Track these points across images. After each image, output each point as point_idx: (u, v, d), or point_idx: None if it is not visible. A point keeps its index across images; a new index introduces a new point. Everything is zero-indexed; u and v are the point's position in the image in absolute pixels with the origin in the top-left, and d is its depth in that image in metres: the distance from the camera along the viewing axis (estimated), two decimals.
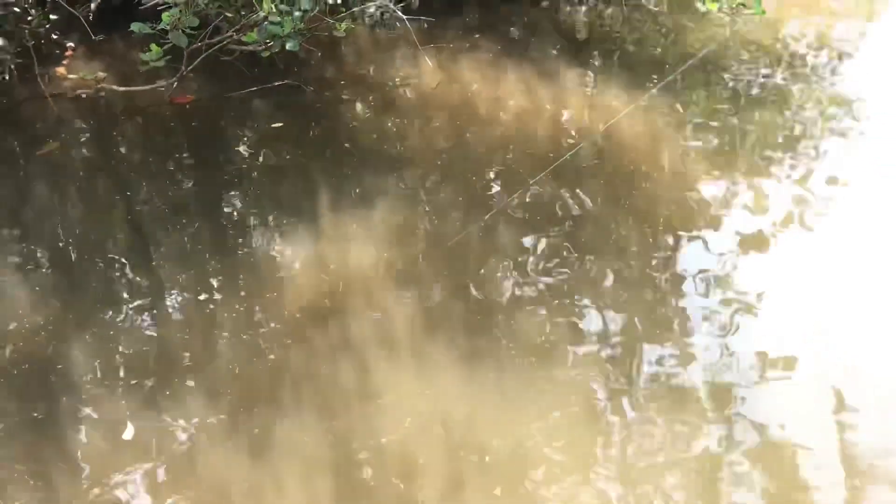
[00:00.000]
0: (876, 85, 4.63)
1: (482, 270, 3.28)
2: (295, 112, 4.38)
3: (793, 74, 4.76)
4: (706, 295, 3.16)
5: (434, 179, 3.86)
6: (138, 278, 3.26)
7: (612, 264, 3.29)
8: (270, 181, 3.86)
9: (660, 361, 2.88)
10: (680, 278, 3.23)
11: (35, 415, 2.68)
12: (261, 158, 4.01)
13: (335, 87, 4.61)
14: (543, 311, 3.07)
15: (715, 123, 4.27)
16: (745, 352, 2.89)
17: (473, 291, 3.17)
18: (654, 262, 3.32)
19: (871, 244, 3.40)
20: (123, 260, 3.35)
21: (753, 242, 3.41)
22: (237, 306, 3.09)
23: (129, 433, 2.62)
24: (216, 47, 4.40)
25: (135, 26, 4.12)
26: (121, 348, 2.94)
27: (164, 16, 4.01)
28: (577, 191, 3.72)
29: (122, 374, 2.84)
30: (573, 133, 4.15)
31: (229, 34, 4.34)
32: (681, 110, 4.36)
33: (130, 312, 3.09)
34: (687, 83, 4.66)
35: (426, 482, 2.47)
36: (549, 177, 3.73)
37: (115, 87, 4.47)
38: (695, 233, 3.48)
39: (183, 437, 2.62)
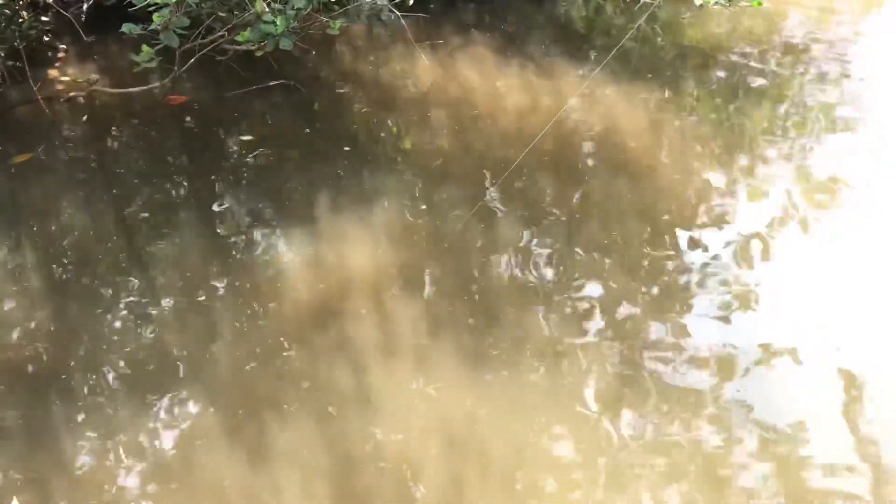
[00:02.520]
0: (873, 77, 4.60)
1: (481, 265, 3.25)
2: (290, 111, 4.35)
3: (789, 65, 4.74)
4: (710, 290, 3.13)
5: (432, 176, 3.83)
6: (133, 280, 3.23)
7: (615, 257, 3.28)
8: (266, 181, 3.83)
9: (662, 356, 2.86)
10: (685, 274, 3.21)
11: (22, 421, 2.65)
12: (256, 158, 3.98)
13: (330, 86, 4.57)
14: (542, 305, 3.05)
15: (713, 115, 4.25)
16: (746, 345, 2.88)
17: (472, 286, 3.15)
18: (656, 255, 3.30)
19: (868, 236, 3.37)
20: (119, 262, 3.32)
21: (751, 234, 3.40)
22: (235, 307, 3.06)
23: (124, 436, 2.59)
24: (209, 47, 4.36)
25: (126, 27, 4.07)
26: (116, 352, 2.90)
27: (155, 17, 3.97)
28: (572, 186, 3.70)
29: (116, 378, 2.81)
30: (568, 126, 4.13)
31: (222, 34, 4.30)
32: (681, 102, 4.34)
33: (126, 315, 3.06)
34: (685, 76, 4.64)
35: (428, 481, 2.45)
36: (549, 172, 3.71)
37: (107, 88, 4.44)
38: (698, 228, 3.45)
39: (179, 440, 2.59)
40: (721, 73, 4.70)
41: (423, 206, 3.60)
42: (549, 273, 3.23)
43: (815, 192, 3.68)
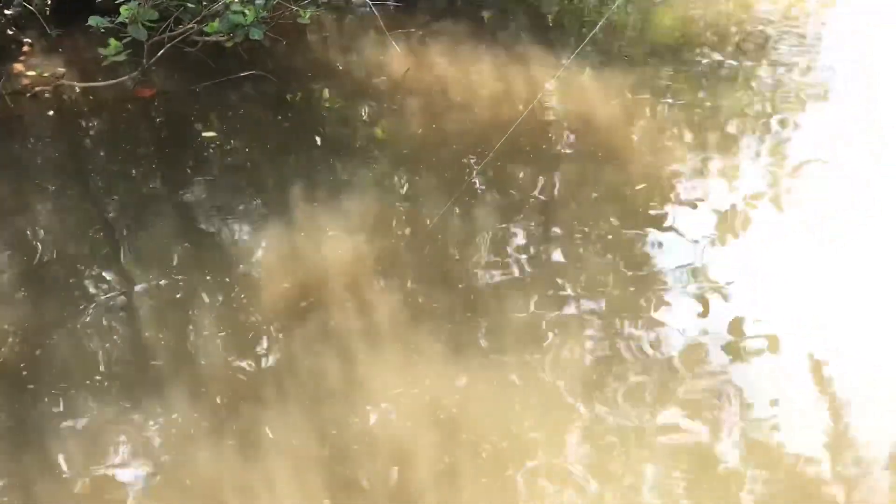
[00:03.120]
0: (846, 60, 4.61)
1: (460, 253, 3.23)
2: (262, 102, 4.30)
3: (761, 49, 4.74)
4: (688, 280, 3.13)
5: (406, 165, 3.80)
6: (107, 276, 3.19)
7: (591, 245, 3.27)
8: (239, 173, 3.79)
9: (641, 340, 2.87)
10: (663, 261, 3.22)
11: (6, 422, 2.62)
12: (228, 150, 3.93)
13: (302, 76, 4.53)
14: (519, 293, 3.04)
15: (685, 101, 4.25)
16: (721, 332, 2.88)
17: (450, 275, 3.13)
18: (634, 239, 3.30)
19: (842, 220, 3.38)
20: (91, 257, 3.27)
21: (726, 219, 3.41)
22: (211, 299, 3.03)
23: (105, 431, 2.57)
24: (178, 39, 4.30)
25: (92, 20, 4.01)
26: (92, 346, 2.87)
27: (122, 9, 3.91)
28: (549, 173, 3.69)
29: (94, 373, 2.77)
30: (542, 113, 4.11)
31: (191, 25, 4.24)
32: (654, 87, 4.34)
33: (100, 310, 3.01)
34: (657, 61, 4.64)
35: (416, 467, 2.44)
36: (525, 158, 3.70)
37: (74, 83, 4.36)
38: (671, 214, 3.46)
39: (160, 433, 2.55)
40: (694, 58, 4.69)
41: (400, 195, 3.57)
42: (529, 258, 3.21)
43: (786, 174, 3.69)
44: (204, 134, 4.03)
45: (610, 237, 3.32)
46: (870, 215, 3.38)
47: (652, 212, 3.45)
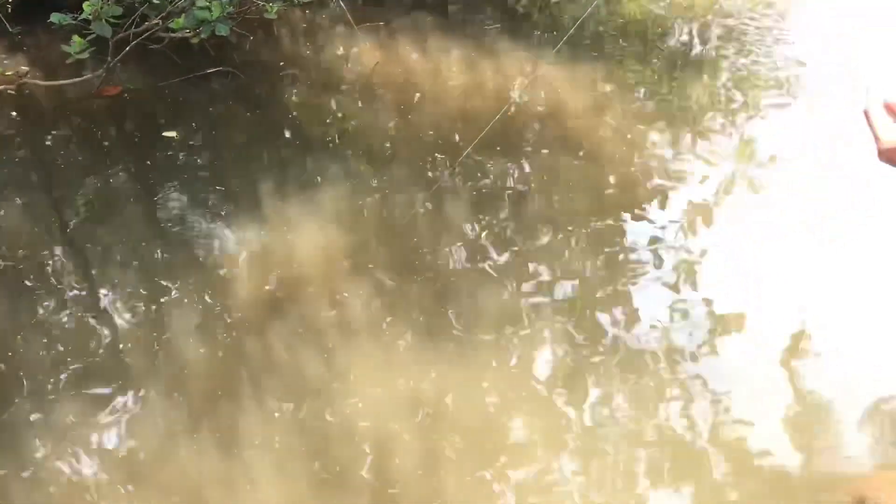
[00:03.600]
0: (817, 47, 4.65)
1: (434, 246, 3.23)
2: (229, 98, 4.26)
3: (728, 38, 4.78)
4: (657, 261, 3.16)
5: (378, 159, 3.78)
6: (75, 276, 3.15)
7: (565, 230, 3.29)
8: (207, 170, 3.75)
9: (614, 328, 2.89)
10: (632, 246, 3.23)
11: None
12: (195, 147, 3.89)
13: (270, 72, 4.49)
14: (494, 282, 3.04)
15: (656, 90, 4.27)
16: (697, 314, 2.92)
17: (426, 266, 3.12)
18: (608, 230, 3.31)
19: (809, 207, 3.41)
20: (53, 256, 3.23)
21: (698, 206, 3.43)
22: (181, 299, 3.00)
23: (78, 434, 2.54)
24: (144, 36, 4.24)
25: (55, 17, 3.95)
26: (58, 348, 2.84)
27: (86, 5, 3.85)
28: (520, 165, 3.69)
29: (57, 373, 2.74)
30: (511, 104, 4.11)
31: (156, 22, 4.19)
32: (624, 78, 4.35)
33: (65, 309, 2.98)
34: (627, 52, 4.65)
35: (394, 459, 2.44)
36: (493, 149, 3.70)
37: (38, 81, 4.29)
38: (643, 203, 3.47)
39: (133, 431, 2.53)
40: (663, 48, 4.71)
41: (372, 189, 3.56)
42: (503, 251, 3.22)
43: (754, 162, 3.72)
44: (170, 131, 3.99)
45: (583, 229, 3.33)
46: (832, 206, 3.42)
47: (624, 201, 3.46)
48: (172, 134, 3.96)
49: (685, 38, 4.81)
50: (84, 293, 3.08)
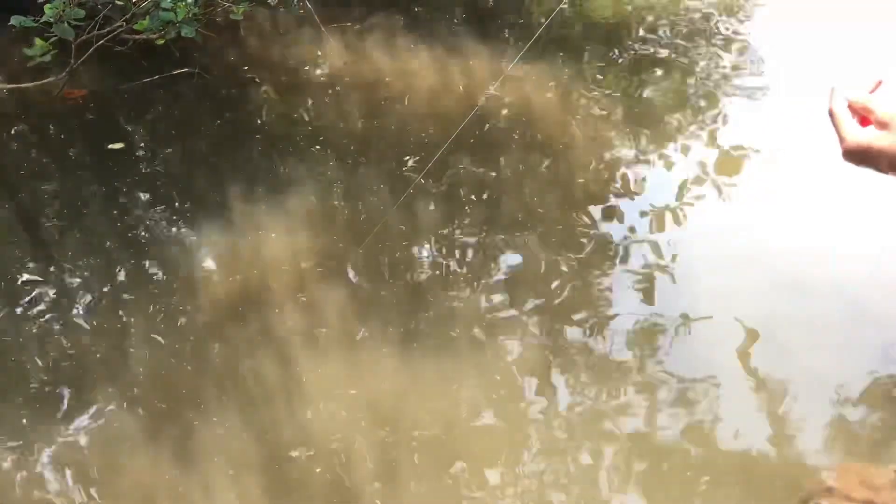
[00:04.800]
0: (782, 47, 4.69)
1: (405, 249, 3.22)
2: (195, 100, 4.22)
3: (696, 36, 4.80)
4: (629, 260, 3.17)
5: (347, 161, 3.76)
6: (30, 279, 3.10)
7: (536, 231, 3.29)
8: (173, 173, 3.71)
9: (585, 326, 2.90)
10: (605, 244, 3.24)
11: None
12: (161, 150, 3.85)
13: (236, 73, 4.45)
14: (467, 286, 3.04)
15: (618, 88, 4.28)
16: (667, 312, 2.93)
17: (394, 270, 3.11)
18: (579, 229, 3.32)
19: (779, 200, 3.44)
20: (13, 259, 3.19)
21: (665, 204, 3.46)
22: (146, 305, 2.97)
23: (37, 443, 2.50)
24: (107, 38, 4.19)
25: (15, 20, 3.88)
26: (20, 355, 2.81)
27: (47, 7, 3.80)
28: (491, 165, 3.69)
29: (16, 382, 2.71)
30: (479, 103, 4.11)
31: (120, 23, 4.14)
32: (593, 78, 4.36)
33: (23, 316, 2.93)
34: (596, 52, 4.66)
35: (361, 465, 2.42)
36: (463, 147, 3.69)
37: (1, 85, 4.23)
38: (613, 200, 3.49)
39: (97, 441, 2.50)
40: (631, 48, 4.73)
41: (342, 192, 3.54)
42: (475, 252, 3.22)
43: (723, 160, 3.74)
44: (135, 134, 3.94)
45: (558, 226, 3.33)
46: (801, 197, 3.45)
47: (594, 199, 3.47)
48: (142, 134, 3.92)
49: (652, 37, 4.83)
50: (37, 296, 3.04)
